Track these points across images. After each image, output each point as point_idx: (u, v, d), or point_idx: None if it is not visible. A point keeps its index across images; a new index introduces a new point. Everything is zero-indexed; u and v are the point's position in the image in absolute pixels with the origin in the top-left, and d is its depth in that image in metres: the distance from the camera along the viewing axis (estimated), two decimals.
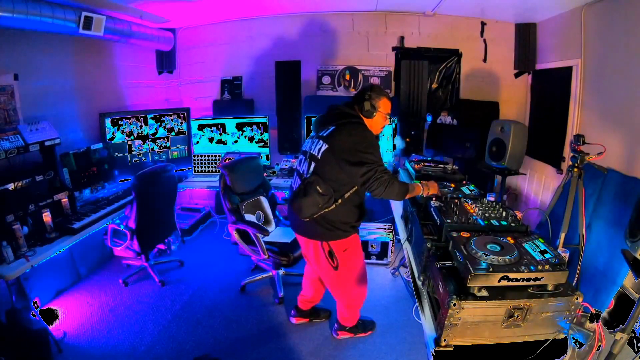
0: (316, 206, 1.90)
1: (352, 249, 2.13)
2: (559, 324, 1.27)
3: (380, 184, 1.84)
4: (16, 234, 2.12)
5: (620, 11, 2.38)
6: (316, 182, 1.89)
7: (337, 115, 2.00)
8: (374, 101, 1.99)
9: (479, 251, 1.31)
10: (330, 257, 2.09)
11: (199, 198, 4.57)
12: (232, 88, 4.19)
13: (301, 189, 1.95)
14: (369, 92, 2.00)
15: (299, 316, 2.60)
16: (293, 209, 1.99)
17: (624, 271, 1.99)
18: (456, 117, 3.77)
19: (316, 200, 1.89)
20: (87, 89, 3.30)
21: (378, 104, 2.00)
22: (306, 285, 2.54)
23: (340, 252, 2.08)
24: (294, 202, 1.97)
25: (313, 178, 1.91)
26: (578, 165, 2.10)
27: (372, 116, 2.01)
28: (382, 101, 2.01)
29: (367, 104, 1.98)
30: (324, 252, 2.08)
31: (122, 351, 2.34)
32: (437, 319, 1.36)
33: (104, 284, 3.08)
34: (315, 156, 1.96)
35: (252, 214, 2.88)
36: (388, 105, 2.04)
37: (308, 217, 1.95)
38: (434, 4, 3.43)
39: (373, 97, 1.99)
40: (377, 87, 2.07)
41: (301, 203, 1.91)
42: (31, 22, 2.34)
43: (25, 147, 2.39)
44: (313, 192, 1.89)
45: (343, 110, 2.01)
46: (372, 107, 1.99)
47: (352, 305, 2.35)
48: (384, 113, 2.04)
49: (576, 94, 2.87)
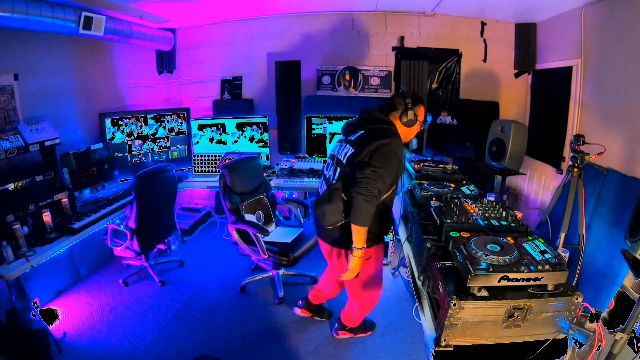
0: (340, 214, 1.82)
1: (374, 257, 2.05)
2: (559, 324, 1.28)
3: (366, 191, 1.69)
4: (16, 234, 2.13)
5: (620, 11, 2.37)
6: (341, 189, 1.81)
7: (369, 120, 1.91)
8: (416, 110, 1.89)
9: (479, 251, 1.31)
10: None
11: (199, 198, 4.58)
12: (232, 88, 4.19)
13: (326, 195, 1.87)
14: (410, 100, 1.88)
15: (306, 308, 2.61)
16: (317, 214, 1.91)
17: (624, 271, 1.99)
18: (456, 117, 3.77)
19: (340, 207, 1.81)
20: (87, 89, 3.30)
21: (418, 113, 1.91)
22: (325, 282, 2.52)
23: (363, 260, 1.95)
24: (317, 207, 1.89)
25: (339, 185, 1.83)
26: (578, 165, 2.10)
27: (413, 125, 1.91)
28: (421, 109, 1.92)
29: (410, 113, 1.87)
30: (347, 260, 1.98)
31: (122, 351, 2.34)
32: (437, 319, 1.36)
33: (104, 284, 3.08)
34: (340, 161, 1.89)
35: (252, 214, 2.88)
36: (424, 113, 1.96)
37: (331, 225, 1.87)
38: (434, 4, 3.43)
39: (416, 103, 1.89)
40: (415, 94, 1.97)
41: (325, 209, 1.84)
42: (31, 22, 2.34)
43: (25, 147, 2.39)
44: (337, 198, 1.81)
45: (376, 115, 1.91)
46: (415, 117, 1.89)
47: (364, 308, 2.32)
48: (420, 121, 1.95)
49: (576, 94, 2.87)
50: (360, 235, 1.78)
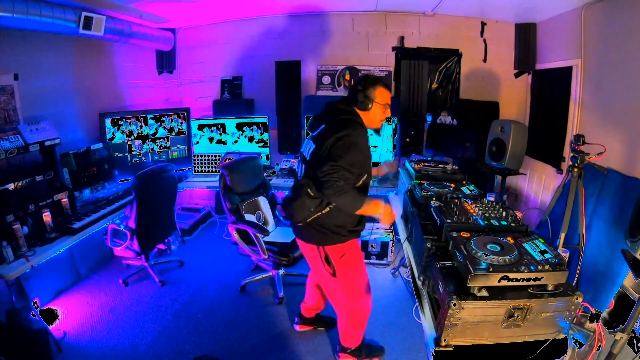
0: (308, 210, 1.81)
1: (350, 255, 1.98)
2: (559, 324, 1.27)
3: (332, 187, 1.67)
4: (16, 234, 2.13)
5: (620, 11, 2.37)
6: (307, 185, 1.80)
7: (330, 112, 1.87)
8: (368, 91, 1.80)
9: (479, 251, 1.31)
10: (327, 263, 1.98)
11: (199, 198, 4.58)
12: (232, 88, 4.19)
13: (292, 192, 1.88)
14: (362, 82, 1.82)
15: (303, 323, 2.53)
16: (285, 212, 1.91)
17: (624, 271, 1.99)
18: (456, 117, 3.77)
19: (307, 203, 1.80)
20: (87, 89, 3.30)
21: (373, 94, 1.81)
22: (309, 292, 2.45)
23: (337, 258, 1.95)
24: (286, 206, 1.89)
25: (304, 181, 1.82)
26: (578, 165, 2.10)
27: (368, 108, 1.82)
28: (378, 90, 1.82)
29: (360, 95, 1.80)
30: (320, 257, 1.97)
31: (122, 351, 2.34)
32: (437, 319, 1.36)
33: (104, 284, 3.08)
34: (305, 158, 1.88)
35: (252, 214, 2.88)
36: (386, 95, 1.85)
37: (300, 221, 1.86)
38: (434, 4, 3.43)
39: (367, 87, 1.80)
40: (371, 76, 1.88)
41: (292, 207, 1.84)
42: (31, 22, 2.34)
43: (25, 147, 2.39)
44: (303, 194, 1.80)
45: (336, 106, 1.86)
46: (366, 98, 1.80)
47: (353, 320, 2.13)
48: (382, 104, 1.84)
49: (576, 94, 2.87)
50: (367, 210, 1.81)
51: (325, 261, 1.98)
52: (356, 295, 2.06)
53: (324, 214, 1.85)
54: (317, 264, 2.03)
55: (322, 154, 1.74)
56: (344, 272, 1.99)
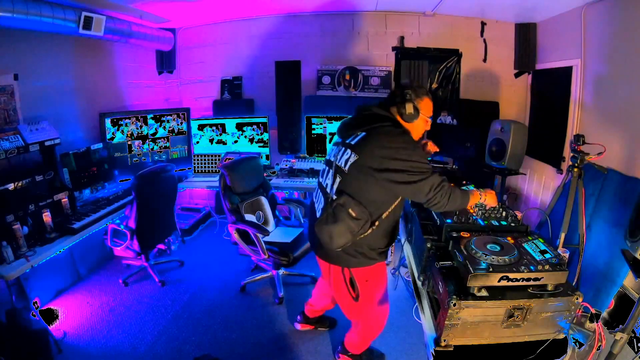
0: (350, 233, 1.57)
1: (376, 278, 1.83)
2: (559, 324, 1.28)
3: (442, 195, 1.51)
4: (16, 234, 2.13)
5: (620, 11, 2.37)
6: (348, 205, 1.55)
7: (369, 118, 1.65)
8: (417, 102, 1.64)
9: (479, 251, 1.31)
10: (351, 286, 1.80)
11: (199, 198, 4.58)
12: (232, 88, 4.19)
13: (329, 213, 1.59)
14: (410, 92, 1.64)
15: (305, 323, 2.50)
16: (321, 237, 1.62)
17: (624, 271, 1.98)
18: (456, 117, 3.77)
19: (350, 226, 1.55)
20: (87, 89, 3.30)
21: (420, 106, 1.65)
22: (317, 297, 2.37)
23: (363, 281, 1.78)
24: (322, 229, 1.60)
25: (344, 200, 1.56)
26: (578, 165, 2.10)
27: (413, 120, 1.65)
28: (425, 102, 1.67)
29: (409, 105, 1.62)
30: (344, 279, 1.79)
31: (122, 351, 2.34)
32: (437, 319, 1.36)
33: (104, 284, 3.08)
34: (342, 169, 1.63)
35: (252, 214, 2.88)
36: (430, 107, 1.70)
37: (342, 247, 1.61)
38: (434, 4, 3.43)
39: (415, 97, 1.64)
40: (417, 84, 1.72)
41: (332, 231, 1.56)
42: (31, 22, 2.34)
43: (25, 147, 2.39)
44: (345, 216, 1.54)
45: (375, 112, 1.67)
46: (415, 110, 1.63)
47: (366, 335, 2.07)
48: (426, 116, 1.69)
49: (576, 94, 2.87)
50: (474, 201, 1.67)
51: (349, 284, 1.80)
52: (375, 315, 1.97)
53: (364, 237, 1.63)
54: (339, 286, 1.85)
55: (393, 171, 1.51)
56: (367, 295, 1.84)
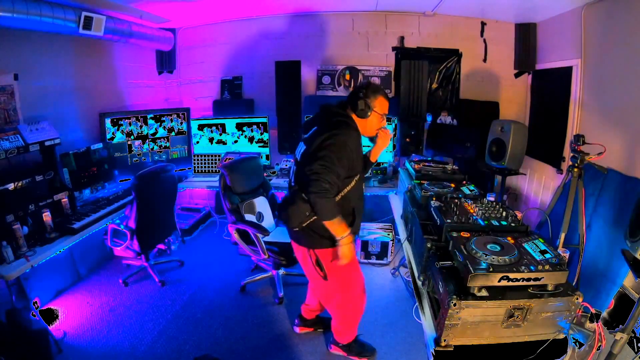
0: (303, 214, 1.78)
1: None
2: (559, 324, 1.28)
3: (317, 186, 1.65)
4: (16, 234, 2.13)
5: (620, 11, 2.37)
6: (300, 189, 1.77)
7: (324, 115, 1.86)
8: (369, 100, 1.81)
9: (479, 251, 1.31)
10: (318, 267, 1.97)
11: (199, 198, 4.58)
12: (232, 88, 4.19)
13: (288, 197, 1.86)
14: (364, 90, 1.82)
15: (303, 325, 2.51)
16: (281, 218, 1.90)
17: (624, 271, 1.98)
18: (456, 117, 3.77)
19: (302, 207, 1.76)
20: (87, 89, 3.30)
21: (373, 103, 1.83)
22: (310, 295, 2.46)
23: (328, 261, 1.94)
24: (282, 211, 1.87)
25: (297, 185, 1.81)
26: (578, 165, 2.10)
27: (366, 116, 1.83)
28: (378, 100, 1.84)
29: (360, 102, 1.80)
30: (311, 260, 1.98)
31: (122, 351, 2.34)
32: (437, 319, 1.36)
33: (104, 284, 3.08)
34: (297, 160, 1.88)
35: (252, 214, 2.88)
36: (385, 105, 1.87)
37: (297, 226, 1.85)
38: (434, 4, 3.43)
39: (368, 95, 1.81)
40: (373, 84, 1.89)
41: (288, 212, 1.81)
42: (31, 22, 2.34)
43: (25, 147, 2.39)
44: (298, 199, 1.76)
45: (332, 109, 1.86)
46: (367, 107, 1.81)
47: (345, 319, 2.19)
48: (380, 113, 1.86)
49: (576, 94, 2.87)
50: (335, 226, 1.75)
51: (316, 264, 1.98)
52: (350, 296, 2.09)
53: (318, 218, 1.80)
54: (308, 267, 2.04)
55: (311, 153, 1.73)
56: (335, 275, 1.99)
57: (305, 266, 2.08)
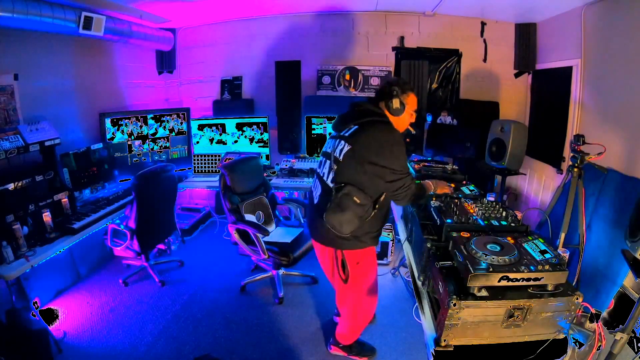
0: (358, 219, 1.74)
1: (366, 262, 1.97)
2: (559, 324, 1.27)
3: (407, 195, 1.75)
4: (16, 234, 2.13)
5: (620, 11, 2.37)
6: (352, 193, 1.71)
7: (360, 113, 1.83)
8: (403, 97, 1.82)
9: (479, 251, 1.31)
10: (342, 268, 1.94)
11: (199, 198, 4.57)
12: (232, 88, 4.19)
13: (336, 202, 1.73)
14: (397, 88, 1.81)
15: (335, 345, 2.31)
16: (332, 225, 1.76)
17: (624, 271, 1.98)
18: (456, 117, 3.77)
19: (356, 212, 1.72)
20: (87, 89, 3.30)
21: (406, 101, 1.84)
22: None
23: (353, 264, 1.92)
24: (331, 217, 1.74)
25: (348, 189, 1.72)
26: (578, 165, 2.10)
27: (400, 114, 1.83)
28: (410, 97, 1.85)
29: (395, 100, 1.79)
30: (336, 261, 1.94)
31: (122, 351, 2.34)
32: (437, 319, 1.36)
33: (104, 284, 3.08)
34: (337, 159, 1.80)
35: (252, 214, 2.88)
36: (415, 101, 1.88)
37: (350, 232, 1.77)
38: (434, 4, 3.43)
39: (401, 93, 1.82)
40: (402, 81, 1.90)
41: (341, 219, 1.72)
42: (31, 22, 2.34)
43: (25, 147, 2.39)
44: (351, 204, 1.71)
45: (366, 107, 1.84)
46: (401, 105, 1.81)
47: (354, 323, 2.18)
48: (411, 110, 1.88)
49: (576, 94, 2.87)
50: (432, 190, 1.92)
51: (340, 266, 1.94)
52: (363, 302, 2.08)
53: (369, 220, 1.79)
54: (332, 268, 2.00)
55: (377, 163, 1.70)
56: (356, 278, 1.97)
57: (329, 267, 2.03)
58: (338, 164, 1.79)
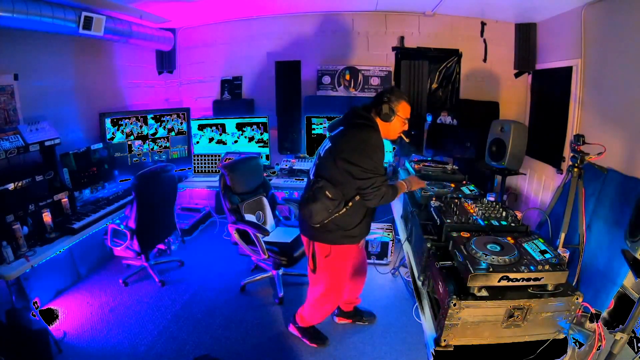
0: (326, 211, 1.87)
1: (337, 259, 2.05)
2: (559, 324, 1.28)
3: (376, 195, 1.84)
4: (16, 234, 2.13)
5: (620, 11, 2.37)
6: (325, 187, 1.86)
7: (350, 116, 1.94)
8: (393, 104, 1.91)
9: (479, 251, 1.31)
10: (311, 258, 2.08)
11: (199, 198, 4.57)
12: (232, 88, 4.19)
13: (310, 194, 1.91)
14: (388, 95, 1.92)
15: (342, 316, 2.58)
16: (303, 214, 1.95)
17: (624, 271, 1.98)
18: (456, 117, 3.77)
19: (326, 205, 1.86)
20: (87, 89, 3.30)
21: (397, 108, 1.92)
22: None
23: (321, 256, 2.04)
24: (304, 207, 1.93)
25: (322, 183, 1.87)
26: (578, 165, 2.10)
27: (390, 120, 1.92)
28: (402, 105, 1.94)
29: (385, 107, 1.90)
30: (310, 250, 2.08)
31: (122, 351, 2.34)
32: (437, 319, 1.36)
33: (104, 284, 3.08)
34: (320, 155, 1.96)
35: (252, 214, 2.88)
36: (407, 110, 1.97)
37: (319, 223, 1.91)
38: (434, 4, 3.43)
39: (392, 100, 1.91)
40: (397, 90, 2.00)
41: (311, 209, 1.88)
42: (31, 22, 2.34)
43: (25, 147, 2.39)
44: (322, 197, 1.85)
45: (357, 111, 1.95)
46: (391, 111, 1.90)
47: (317, 309, 2.29)
48: (403, 118, 1.96)
49: (576, 94, 2.87)
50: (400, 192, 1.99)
51: (311, 256, 2.09)
52: (325, 296, 2.20)
53: (338, 215, 1.91)
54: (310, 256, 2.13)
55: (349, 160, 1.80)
56: (324, 272, 2.10)
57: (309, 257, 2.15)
58: (319, 159, 1.96)
